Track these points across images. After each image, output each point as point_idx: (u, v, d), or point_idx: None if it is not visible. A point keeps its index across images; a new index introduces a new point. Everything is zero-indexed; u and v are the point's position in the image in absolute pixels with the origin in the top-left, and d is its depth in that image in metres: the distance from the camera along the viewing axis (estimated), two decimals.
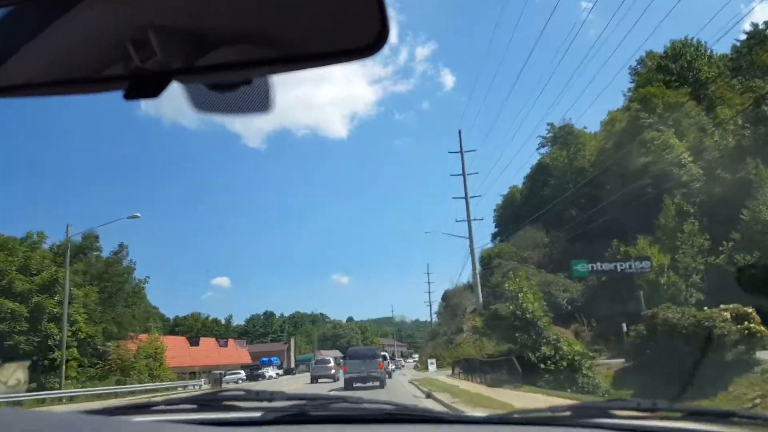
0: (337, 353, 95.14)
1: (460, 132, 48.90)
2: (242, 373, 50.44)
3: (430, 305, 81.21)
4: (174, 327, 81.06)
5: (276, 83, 1.01)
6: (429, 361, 42.01)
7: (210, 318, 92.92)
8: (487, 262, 48.16)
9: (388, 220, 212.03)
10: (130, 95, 0.85)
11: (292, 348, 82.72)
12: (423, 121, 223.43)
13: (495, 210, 61.85)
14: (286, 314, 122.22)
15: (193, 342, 62.80)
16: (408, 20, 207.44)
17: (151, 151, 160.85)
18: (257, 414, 1.52)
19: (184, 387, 38.40)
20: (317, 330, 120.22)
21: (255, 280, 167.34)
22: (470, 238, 47.25)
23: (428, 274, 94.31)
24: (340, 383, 27.35)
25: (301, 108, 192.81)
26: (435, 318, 72.94)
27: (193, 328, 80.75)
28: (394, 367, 46.99)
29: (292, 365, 73.42)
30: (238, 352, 71.46)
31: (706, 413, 1.33)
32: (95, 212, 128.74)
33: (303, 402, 1.61)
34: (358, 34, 0.81)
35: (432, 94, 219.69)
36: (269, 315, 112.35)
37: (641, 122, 37.60)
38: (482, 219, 69.80)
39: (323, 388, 24.95)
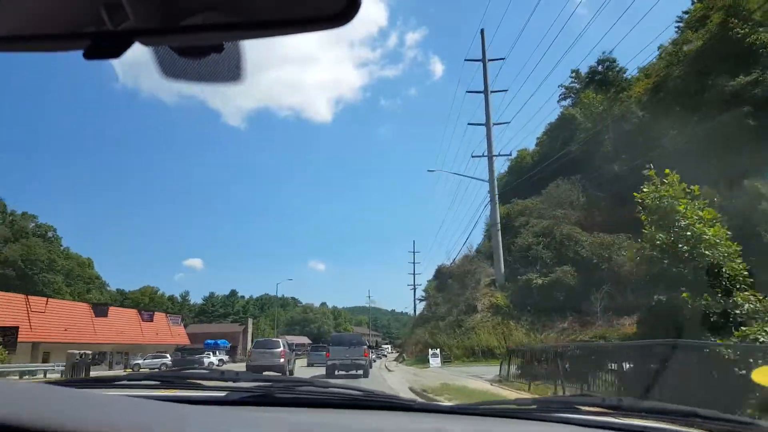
0: (305, 339, 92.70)
1: (482, 31, 41.90)
2: (168, 358, 40.73)
3: (414, 289, 73.82)
4: (123, 300, 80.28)
5: (253, 58, 1.03)
6: (431, 352, 31.31)
7: (160, 293, 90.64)
8: (506, 223, 39.33)
9: (370, 208, 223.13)
10: (89, 54, 0.85)
11: (249, 330, 74.48)
12: (409, 109, 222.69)
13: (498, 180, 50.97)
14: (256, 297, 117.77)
15: (100, 311, 48.61)
16: (398, 3, 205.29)
17: (125, 123, 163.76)
18: (222, 393, 1.56)
19: None
20: (285, 314, 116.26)
21: (229, 262, 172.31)
22: (491, 171, 39.20)
23: (414, 252, 77.39)
24: (320, 370, 27.46)
25: (286, 88, 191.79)
26: (420, 303, 65.76)
27: (140, 303, 76.87)
28: (375, 356, 45.62)
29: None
30: (170, 330, 59.19)
31: (668, 412, 1.35)
32: (64, 184, 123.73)
33: (269, 384, 1.67)
34: (329, 2, 0.83)
35: (421, 82, 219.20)
36: (231, 294, 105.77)
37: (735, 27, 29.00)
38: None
39: None
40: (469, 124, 43.89)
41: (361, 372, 24.20)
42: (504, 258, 37.18)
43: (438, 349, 31.77)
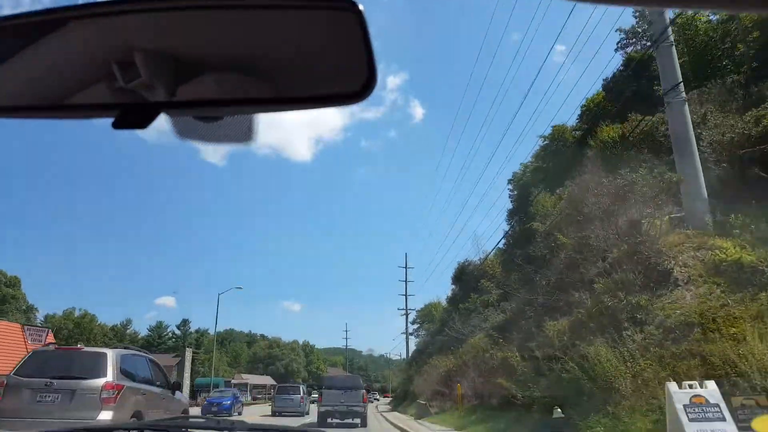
0: (268, 380, 79.93)
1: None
2: None
3: (407, 313, 60.62)
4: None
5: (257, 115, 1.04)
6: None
7: (89, 318, 77.82)
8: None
9: (348, 249, 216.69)
10: (119, 124, 0.89)
11: (187, 364, 53.88)
12: (390, 150, 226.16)
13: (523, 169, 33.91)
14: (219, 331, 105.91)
15: None
16: (381, 48, 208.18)
17: (103, 157, 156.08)
18: None
19: None
20: (248, 350, 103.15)
21: (202, 300, 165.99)
22: None
23: (405, 267, 61.60)
24: (290, 421, 24.37)
25: (265, 126, 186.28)
26: (412, 331, 59.57)
27: (62, 329, 68.22)
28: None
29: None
30: (27, 348, 40.63)
31: None
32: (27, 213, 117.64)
33: None
34: (346, 81, 0.86)
35: (401, 124, 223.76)
36: (183, 324, 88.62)
37: None
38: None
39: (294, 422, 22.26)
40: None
41: (358, 421, 21.32)
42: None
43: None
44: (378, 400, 59.11)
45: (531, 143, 66.36)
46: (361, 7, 0.84)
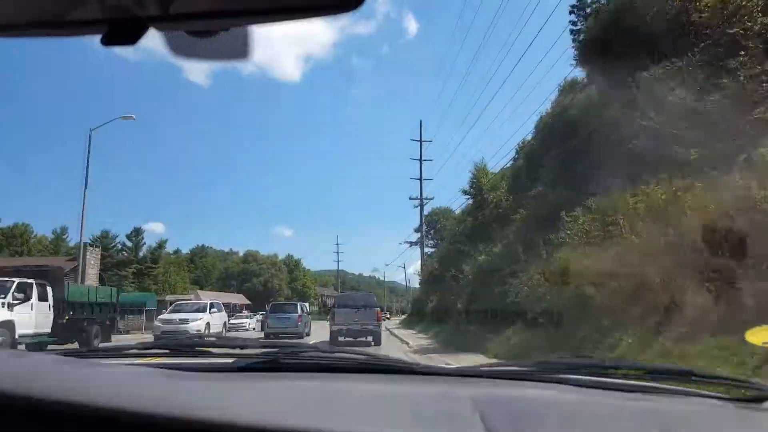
0: (242, 299, 66.82)
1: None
2: None
3: (422, 204, 46.76)
4: None
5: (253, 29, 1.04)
6: None
7: (21, 229, 66.64)
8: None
9: (341, 171, 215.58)
10: (107, 41, 0.88)
11: (84, 267, 33.27)
12: (382, 68, 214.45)
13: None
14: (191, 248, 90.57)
15: None
16: None
17: (80, 77, 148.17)
18: (229, 361, 1.65)
19: None
20: (220, 265, 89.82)
21: (190, 226, 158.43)
22: None
23: (420, 141, 45.96)
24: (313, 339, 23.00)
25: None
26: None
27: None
28: None
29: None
30: None
31: (665, 371, 1.49)
32: None
33: (275, 350, 1.76)
34: None
35: (394, 41, 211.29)
36: (135, 234, 70.41)
37: None
38: None
39: None
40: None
41: (371, 339, 20.78)
42: None
43: None
44: (389, 318, 58.29)
45: None
46: None
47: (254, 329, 39.64)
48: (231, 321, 35.32)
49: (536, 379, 1.51)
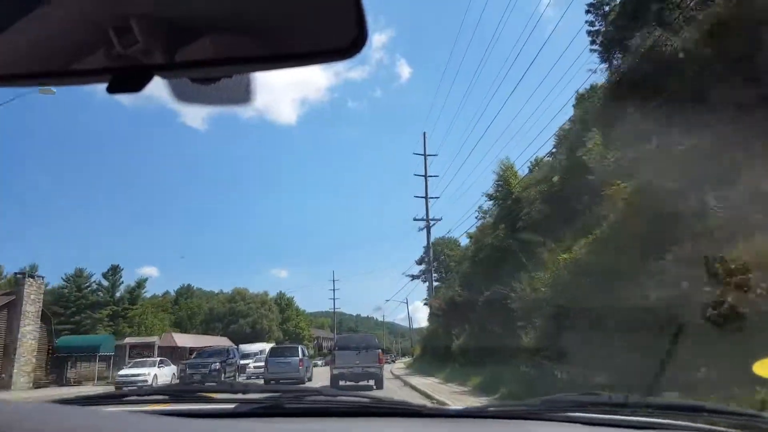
0: (226, 341, 56.46)
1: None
2: None
3: (428, 226, 41.75)
4: None
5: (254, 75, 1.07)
6: None
7: None
8: None
9: (337, 211, 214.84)
10: (113, 89, 0.90)
11: (26, 306, 30.92)
12: (377, 111, 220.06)
13: None
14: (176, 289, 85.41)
15: None
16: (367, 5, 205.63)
17: (80, 123, 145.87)
18: (231, 406, 1.60)
19: None
20: (204, 305, 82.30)
21: (184, 270, 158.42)
22: None
23: (425, 155, 42.25)
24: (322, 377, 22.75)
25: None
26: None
27: None
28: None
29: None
30: None
31: (675, 407, 1.48)
32: None
33: (277, 394, 1.71)
34: (336, 37, 0.88)
35: (387, 85, 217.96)
36: (112, 272, 64.13)
37: None
38: None
39: None
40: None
41: (372, 383, 20.31)
42: None
43: None
44: (394, 362, 56.75)
45: None
46: None
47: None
48: (120, 372, 29.40)
49: (544, 418, 1.49)
